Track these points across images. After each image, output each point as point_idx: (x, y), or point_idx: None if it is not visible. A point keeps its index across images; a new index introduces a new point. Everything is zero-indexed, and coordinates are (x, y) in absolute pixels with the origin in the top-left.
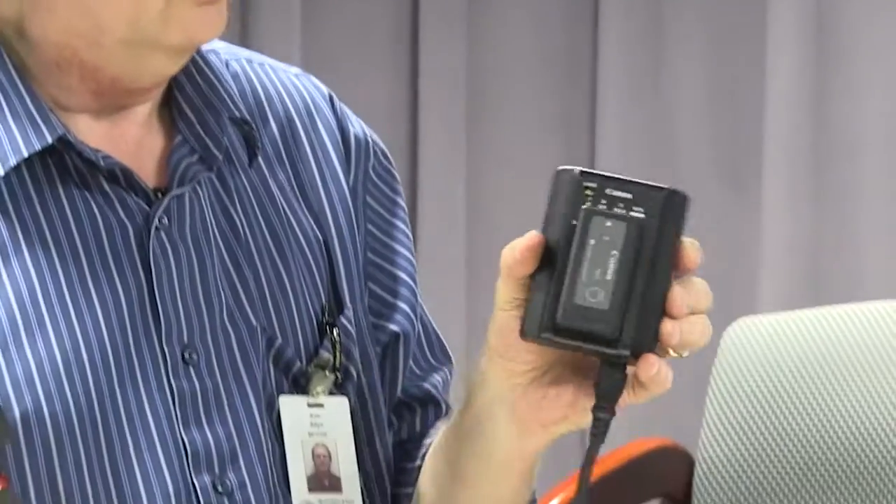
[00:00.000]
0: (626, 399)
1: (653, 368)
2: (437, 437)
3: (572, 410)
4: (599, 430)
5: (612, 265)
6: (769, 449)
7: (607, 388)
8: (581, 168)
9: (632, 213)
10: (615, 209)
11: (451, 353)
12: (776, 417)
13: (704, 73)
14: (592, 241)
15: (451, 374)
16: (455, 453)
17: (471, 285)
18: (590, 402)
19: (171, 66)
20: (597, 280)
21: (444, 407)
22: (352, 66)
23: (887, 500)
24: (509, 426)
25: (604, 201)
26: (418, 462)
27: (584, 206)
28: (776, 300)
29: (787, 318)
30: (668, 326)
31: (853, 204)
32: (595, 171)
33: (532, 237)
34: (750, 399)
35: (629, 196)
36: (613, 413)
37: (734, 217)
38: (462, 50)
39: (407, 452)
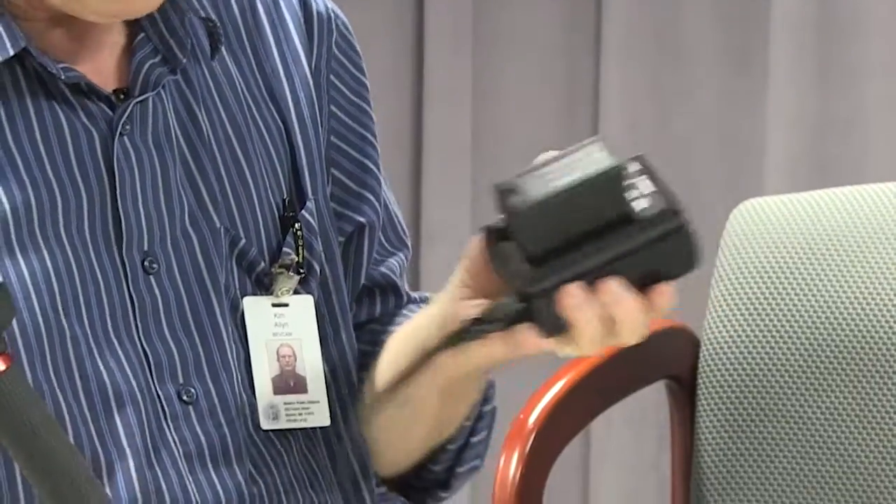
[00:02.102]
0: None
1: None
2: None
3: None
4: (469, 335)
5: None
6: (775, 330)
7: (498, 309)
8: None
9: (642, 198)
10: (632, 190)
11: (408, 236)
12: (782, 299)
13: None
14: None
15: (407, 258)
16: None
17: None
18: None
19: (111, 6)
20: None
21: (402, 293)
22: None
23: (893, 380)
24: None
25: (630, 181)
26: (378, 348)
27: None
28: (782, 182)
29: (794, 199)
30: (566, 299)
31: (860, 85)
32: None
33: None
34: (756, 280)
35: (653, 190)
36: (489, 330)
37: (740, 99)
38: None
39: (367, 336)
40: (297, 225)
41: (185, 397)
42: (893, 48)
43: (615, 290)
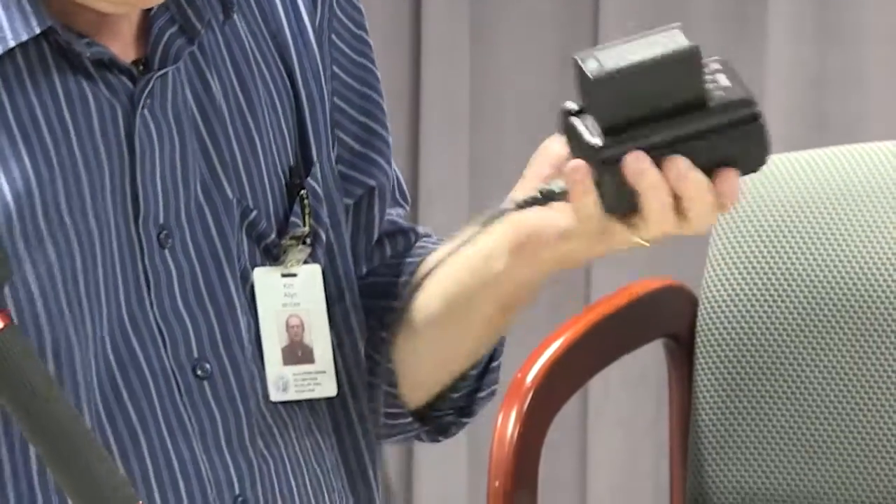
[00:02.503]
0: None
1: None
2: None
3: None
4: (538, 200)
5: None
6: (773, 289)
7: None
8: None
9: (719, 89)
10: (709, 79)
11: (408, 197)
12: (780, 257)
13: None
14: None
15: (407, 214)
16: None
17: None
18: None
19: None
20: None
21: (409, 233)
22: None
23: (890, 339)
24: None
25: (709, 70)
26: (403, 278)
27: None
28: (780, 141)
29: (792, 158)
30: (632, 164)
31: (859, 43)
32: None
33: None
34: (754, 239)
35: (729, 85)
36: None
37: (738, 57)
38: None
39: (385, 271)
40: (303, 192)
41: (199, 373)
42: (893, 6)
43: (682, 166)
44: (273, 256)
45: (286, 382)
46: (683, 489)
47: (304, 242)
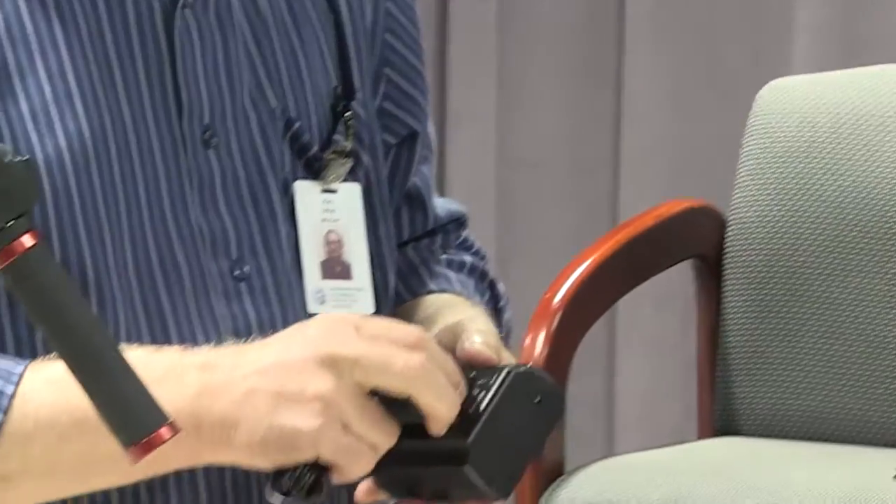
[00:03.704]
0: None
1: None
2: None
3: None
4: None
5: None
6: (801, 210)
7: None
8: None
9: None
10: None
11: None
12: (809, 178)
13: None
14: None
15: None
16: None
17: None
18: None
19: None
20: None
21: (429, 214)
22: None
23: None
24: None
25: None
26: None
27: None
28: (812, 60)
29: (821, 79)
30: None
31: None
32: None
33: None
34: (783, 159)
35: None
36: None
37: None
38: None
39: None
40: (348, 114)
41: (236, 273)
42: None
43: None
44: (314, 171)
45: (323, 296)
46: (711, 409)
47: (346, 157)
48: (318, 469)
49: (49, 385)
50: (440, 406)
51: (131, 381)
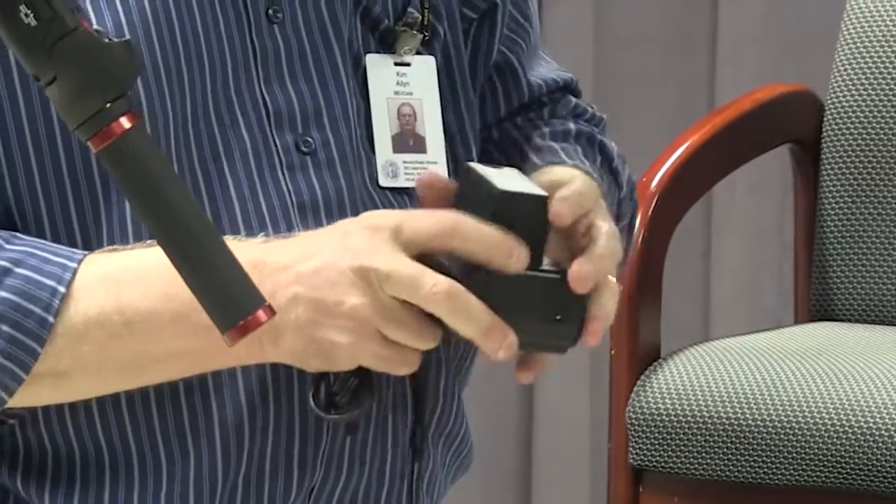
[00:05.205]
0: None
1: None
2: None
3: None
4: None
5: None
6: None
7: None
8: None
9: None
10: None
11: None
12: None
13: None
14: None
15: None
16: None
17: None
18: None
19: None
20: None
21: (522, 82)
22: None
23: None
24: None
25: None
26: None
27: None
28: None
29: None
30: None
31: None
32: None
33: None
34: (882, 44)
35: None
36: None
37: None
38: None
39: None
40: None
41: (303, 147)
42: None
43: None
44: (388, 45)
45: (396, 169)
46: (808, 294)
47: (418, 30)
48: (363, 372)
49: (103, 282)
50: (468, 329)
51: (229, 263)
